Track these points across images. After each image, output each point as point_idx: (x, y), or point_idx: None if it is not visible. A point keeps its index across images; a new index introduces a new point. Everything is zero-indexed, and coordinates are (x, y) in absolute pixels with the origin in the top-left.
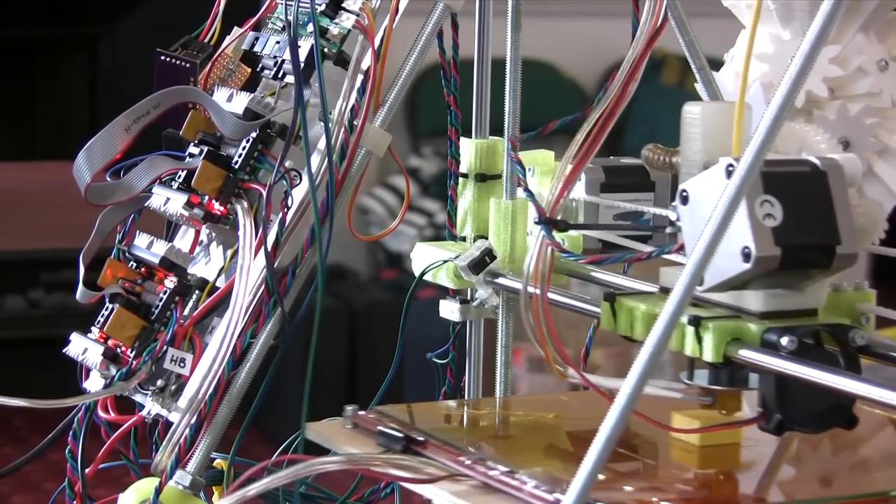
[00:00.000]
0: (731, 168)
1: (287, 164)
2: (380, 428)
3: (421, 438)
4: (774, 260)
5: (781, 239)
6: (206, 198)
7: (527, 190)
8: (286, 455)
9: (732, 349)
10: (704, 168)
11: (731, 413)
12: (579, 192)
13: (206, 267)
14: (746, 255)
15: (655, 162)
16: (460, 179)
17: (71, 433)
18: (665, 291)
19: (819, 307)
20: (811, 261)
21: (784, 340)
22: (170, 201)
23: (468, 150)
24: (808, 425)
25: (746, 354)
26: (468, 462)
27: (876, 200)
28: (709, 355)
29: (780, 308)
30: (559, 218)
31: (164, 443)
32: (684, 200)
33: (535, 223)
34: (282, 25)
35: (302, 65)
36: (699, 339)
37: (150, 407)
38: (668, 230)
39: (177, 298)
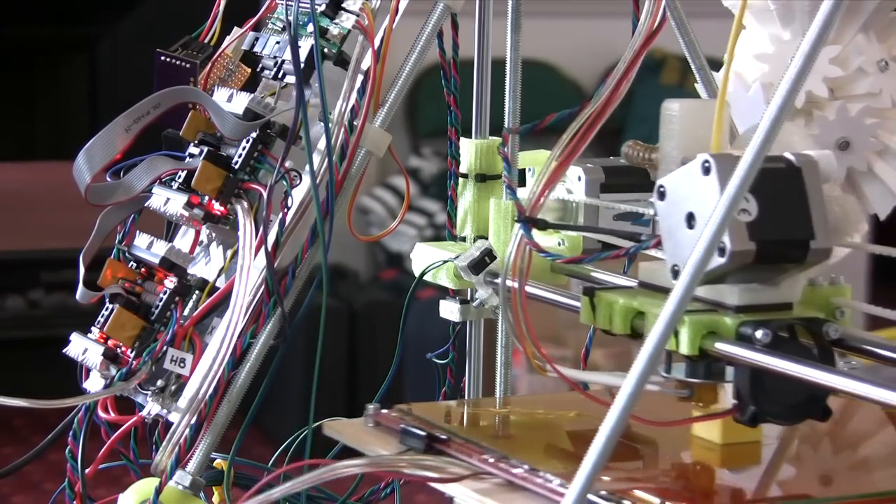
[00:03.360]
0: (706, 164)
1: (287, 164)
2: (403, 426)
3: (444, 437)
4: (749, 254)
5: (756, 234)
6: (206, 198)
7: (509, 187)
8: (301, 461)
9: (708, 342)
10: (682, 164)
11: (708, 405)
12: (579, 192)
13: (206, 267)
14: (721, 250)
15: (634, 158)
16: (460, 180)
17: (71, 433)
18: (643, 286)
19: (794, 301)
20: (786, 255)
21: (759, 333)
22: (170, 201)
23: (468, 151)
24: (783, 417)
25: (722, 347)
26: (492, 460)
27: (851, 196)
28: (685, 348)
29: (755, 302)
30: (539, 217)
31: (164, 443)
32: (661, 196)
33: (515, 221)
34: (282, 26)
35: (302, 65)
36: (676, 333)
37: (150, 407)
38: (643, 237)
39: (177, 299)
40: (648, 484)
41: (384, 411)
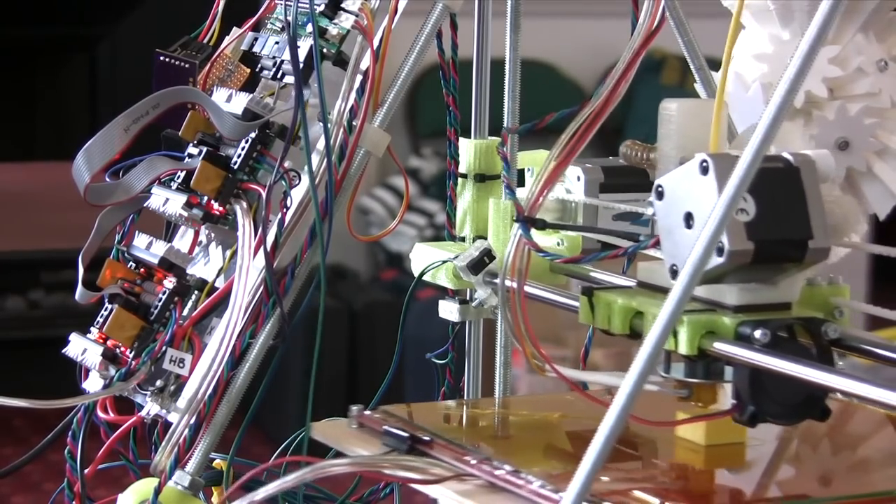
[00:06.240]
0: (704, 164)
1: (286, 164)
2: (385, 428)
3: (427, 438)
4: (747, 254)
5: (754, 234)
6: (205, 198)
7: (507, 187)
8: (292, 457)
9: (707, 342)
10: (680, 164)
11: (706, 405)
12: (578, 192)
13: (205, 267)
14: (720, 250)
15: (633, 158)
16: (459, 180)
17: (70, 433)
18: (642, 286)
19: (793, 301)
20: (784, 255)
21: (758, 333)
22: (169, 202)
23: (467, 151)
24: (782, 417)
25: (721, 347)
26: (474, 462)
27: (850, 196)
28: (684, 348)
29: (754, 301)
30: (538, 217)
31: (164, 443)
32: (659, 195)
33: (514, 221)
34: (281, 26)
35: (301, 65)
36: (674, 333)
37: (150, 407)
38: (642, 237)
39: (176, 299)
40: (644, 485)
41: (367, 413)
